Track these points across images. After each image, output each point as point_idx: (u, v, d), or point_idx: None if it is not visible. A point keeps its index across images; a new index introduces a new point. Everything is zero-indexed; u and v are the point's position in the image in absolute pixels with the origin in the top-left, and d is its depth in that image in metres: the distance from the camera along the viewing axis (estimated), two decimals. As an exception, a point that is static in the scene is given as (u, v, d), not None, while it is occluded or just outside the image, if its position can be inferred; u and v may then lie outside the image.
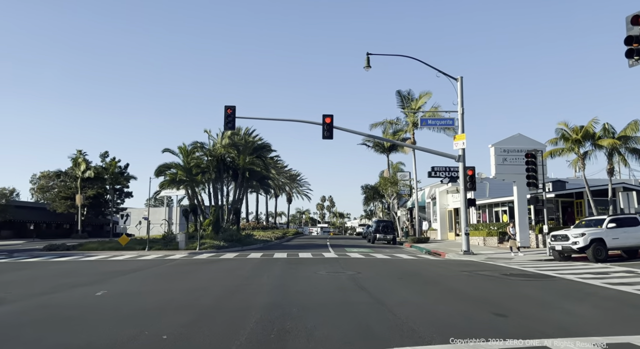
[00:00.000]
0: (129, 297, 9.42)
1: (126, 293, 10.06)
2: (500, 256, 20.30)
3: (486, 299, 9.00)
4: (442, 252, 23.26)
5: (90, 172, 56.76)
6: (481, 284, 11.57)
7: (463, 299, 8.91)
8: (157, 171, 42.09)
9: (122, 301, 8.95)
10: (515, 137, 24.83)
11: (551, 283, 11.48)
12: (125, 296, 9.59)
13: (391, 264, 17.14)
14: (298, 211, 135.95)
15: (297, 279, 12.10)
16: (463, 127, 22.88)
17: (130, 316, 7.39)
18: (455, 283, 11.58)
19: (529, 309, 7.83)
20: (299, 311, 7.55)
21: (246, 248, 27.13)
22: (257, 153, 44.14)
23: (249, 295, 9.47)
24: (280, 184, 71.82)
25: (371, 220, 66.85)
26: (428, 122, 22.89)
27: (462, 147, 22.60)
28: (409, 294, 9.61)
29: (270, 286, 10.85)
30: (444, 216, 38.21)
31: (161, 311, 7.74)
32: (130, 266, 16.61)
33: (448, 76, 23.07)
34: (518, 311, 7.59)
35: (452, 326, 6.47)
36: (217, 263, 18.06)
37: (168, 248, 24.40)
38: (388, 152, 46.62)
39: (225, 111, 22.73)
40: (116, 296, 9.59)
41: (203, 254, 22.69)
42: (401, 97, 33.51)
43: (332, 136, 22.80)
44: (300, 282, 11.52)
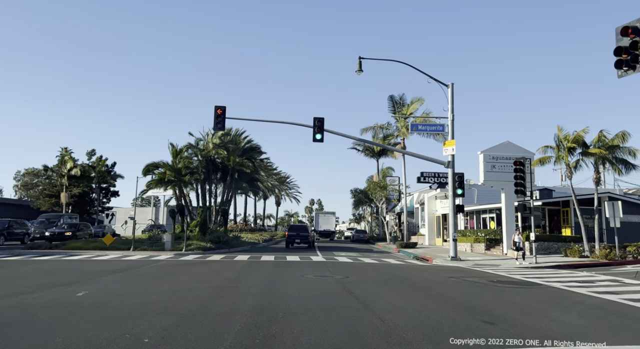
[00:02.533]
0: (111, 298, 9.19)
1: (108, 293, 9.83)
2: (487, 263, 20.36)
3: (474, 306, 8.96)
4: (429, 258, 23.27)
5: (77, 170, 55.85)
6: (469, 290, 11.54)
7: (451, 306, 8.86)
8: (144, 170, 41.53)
9: (104, 302, 8.73)
10: (504, 145, 25.00)
11: (538, 291, 11.49)
12: (107, 297, 9.35)
13: (379, 269, 17.07)
14: (287, 213, 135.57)
15: (284, 283, 11.95)
16: (453, 133, 22.96)
17: (111, 317, 7.18)
18: (443, 289, 11.53)
19: (517, 316, 7.80)
20: (285, 316, 7.42)
21: (233, 250, 26.88)
22: (247, 154, 43.85)
23: (235, 298, 9.31)
24: (270, 186, 71.41)
25: (359, 225, 78.14)
26: (419, 128, 22.95)
27: (451, 154, 22.68)
28: (397, 300, 9.53)
29: (257, 289, 10.69)
30: (432, 222, 38.35)
31: (143, 313, 7.54)
32: (113, 266, 16.30)
33: (439, 82, 23.17)
34: (506, 319, 7.55)
35: (440, 333, 6.39)
36: (203, 264, 17.82)
37: (154, 249, 24.05)
38: (378, 157, 46.68)
39: (215, 111, 22.53)
40: (98, 296, 9.35)
41: (189, 255, 22.41)
42: (393, 102, 33.60)
43: (323, 138, 22.71)
44: (287, 285, 11.38)
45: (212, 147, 41.70)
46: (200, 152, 42.21)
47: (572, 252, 22.19)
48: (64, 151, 63.05)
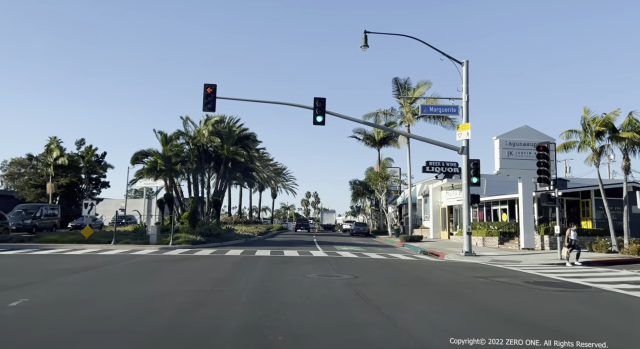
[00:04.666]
0: (55, 309, 7.00)
1: (56, 301, 7.64)
2: (506, 259, 18.34)
3: (532, 320, 6.86)
4: (440, 253, 21.25)
5: (64, 160, 53.29)
6: (510, 296, 9.45)
7: (502, 320, 6.77)
8: (133, 158, 39.12)
9: (39, 315, 6.52)
10: (522, 130, 22.88)
11: (589, 296, 9.44)
12: (50, 307, 7.15)
13: (390, 266, 14.99)
14: (283, 206, 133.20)
15: (282, 286, 9.82)
16: (467, 116, 20.84)
17: (39, 342, 5.03)
18: (477, 294, 9.44)
19: (602, 335, 5.67)
20: (286, 341, 5.29)
21: (226, 244, 24.74)
22: (242, 143, 41.50)
23: (219, 309, 7.18)
24: (265, 178, 69.11)
25: (357, 218, 75.80)
26: (429, 109, 20.79)
27: (466, 138, 20.57)
28: (429, 311, 7.43)
29: (249, 294, 8.56)
30: (437, 214, 36.31)
31: (91, 334, 5.40)
32: (85, 262, 14.11)
33: (452, 59, 20.98)
34: (591, 339, 5.42)
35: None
36: (189, 260, 15.68)
37: (137, 242, 21.86)
38: (379, 146, 44.46)
39: (205, 90, 20.24)
40: (38, 306, 7.16)
41: (176, 249, 20.27)
42: (398, 85, 31.26)
43: (325, 121, 20.53)
44: (286, 290, 9.25)
45: (204, 135, 39.38)
46: (192, 140, 39.87)
47: (598, 247, 20.19)
48: (52, 140, 60.59)
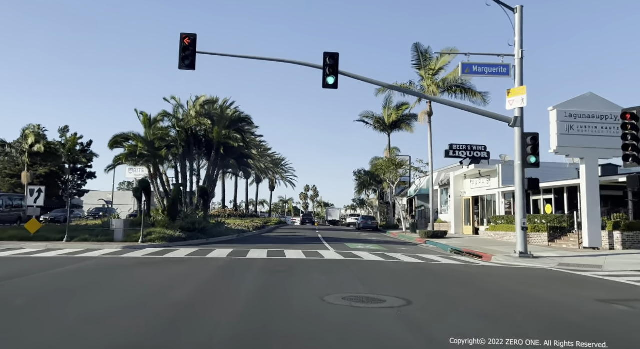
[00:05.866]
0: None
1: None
2: (576, 262, 13.81)
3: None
4: (482, 253, 16.75)
5: (40, 146, 48.48)
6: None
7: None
8: (111, 142, 34.40)
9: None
10: (586, 98, 18.24)
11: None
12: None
13: (441, 278, 10.40)
14: (281, 199, 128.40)
15: (288, 327, 5.19)
16: (522, 77, 16.22)
17: None
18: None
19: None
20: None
21: (212, 241, 20.13)
22: (236, 126, 36.72)
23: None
24: (263, 168, 64.32)
25: (358, 211, 76.35)
26: (473, 69, 16.10)
27: (519, 106, 15.96)
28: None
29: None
30: (459, 206, 31.71)
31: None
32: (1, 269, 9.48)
33: (501, 4, 16.29)
34: None
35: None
36: (153, 267, 11.08)
37: (98, 239, 17.21)
38: (390, 131, 39.77)
39: (182, 41, 15.50)
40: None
41: (145, 248, 15.67)
42: (419, 53, 26.34)
43: (337, 83, 15.90)
44: (297, 339, 4.61)
45: (192, 116, 34.60)
46: (179, 121, 35.11)
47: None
48: (36, 127, 55.88)
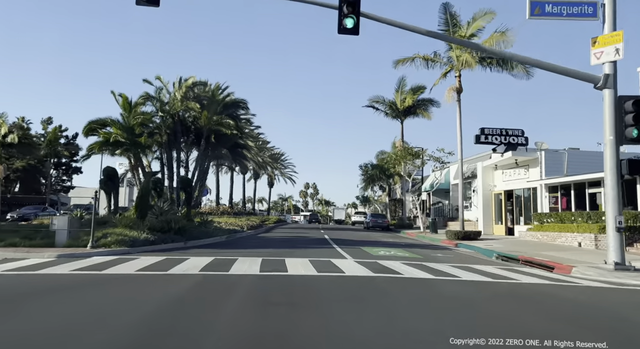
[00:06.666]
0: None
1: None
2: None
3: None
4: (553, 263, 12.30)
5: (14, 137, 43.63)
6: None
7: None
8: (86, 129, 30.09)
9: None
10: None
11: None
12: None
13: (566, 317, 5.89)
14: (280, 197, 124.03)
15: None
16: (614, 20, 11.80)
17: None
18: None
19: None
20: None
21: (192, 244, 15.70)
22: (228, 111, 32.35)
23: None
24: (261, 162, 59.82)
25: (363, 208, 73.90)
26: (545, 10, 11.63)
27: (611, 60, 11.52)
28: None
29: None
30: (488, 202, 27.25)
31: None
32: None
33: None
34: None
35: None
36: (74, 292, 6.65)
37: (33, 243, 12.78)
38: (403, 118, 35.32)
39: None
40: None
41: (92, 256, 11.26)
42: (447, 15, 21.57)
43: (358, 28, 11.51)
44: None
45: (178, 98, 30.15)
46: (163, 105, 30.68)
47: None
48: (19, 120, 51.60)
